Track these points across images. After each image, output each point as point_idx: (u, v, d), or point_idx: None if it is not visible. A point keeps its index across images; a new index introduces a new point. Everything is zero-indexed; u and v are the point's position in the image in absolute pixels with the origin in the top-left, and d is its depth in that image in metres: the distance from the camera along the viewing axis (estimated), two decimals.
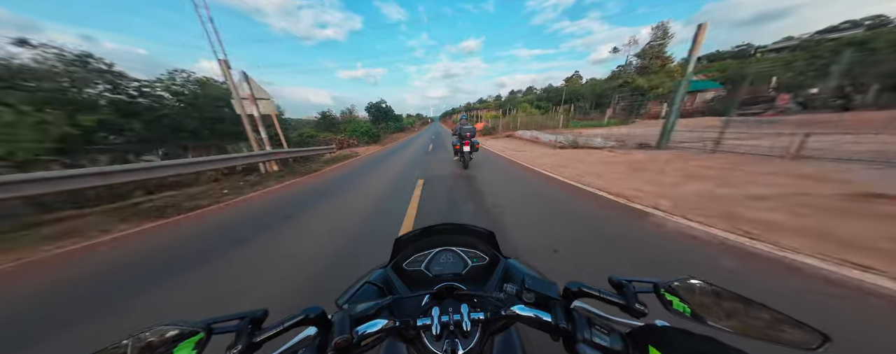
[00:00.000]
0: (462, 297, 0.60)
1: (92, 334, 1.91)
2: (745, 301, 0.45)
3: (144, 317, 2.07)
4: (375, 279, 0.76)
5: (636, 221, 3.31)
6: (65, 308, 2.25)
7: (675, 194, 4.13)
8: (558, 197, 4.60)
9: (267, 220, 4.23)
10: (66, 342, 1.84)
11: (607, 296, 0.51)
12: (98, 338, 1.85)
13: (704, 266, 2.30)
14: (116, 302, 2.27)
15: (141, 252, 3.33)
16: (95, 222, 4.42)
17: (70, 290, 2.52)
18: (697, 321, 0.45)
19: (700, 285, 0.48)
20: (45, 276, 2.83)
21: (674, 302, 0.47)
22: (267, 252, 3.07)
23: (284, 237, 3.50)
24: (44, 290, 2.55)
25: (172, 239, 3.72)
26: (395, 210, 4.32)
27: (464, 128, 7.28)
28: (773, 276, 2.10)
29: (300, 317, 0.48)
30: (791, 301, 1.82)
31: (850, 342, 1.45)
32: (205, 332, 0.42)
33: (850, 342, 1.45)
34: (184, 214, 4.82)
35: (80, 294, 2.45)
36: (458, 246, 0.89)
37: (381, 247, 2.88)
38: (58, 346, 1.81)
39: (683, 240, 2.75)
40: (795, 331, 0.40)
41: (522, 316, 0.50)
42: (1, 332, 2.01)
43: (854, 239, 2.47)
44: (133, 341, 0.39)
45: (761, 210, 3.29)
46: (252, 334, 0.44)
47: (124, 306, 2.22)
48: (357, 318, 0.49)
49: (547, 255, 2.56)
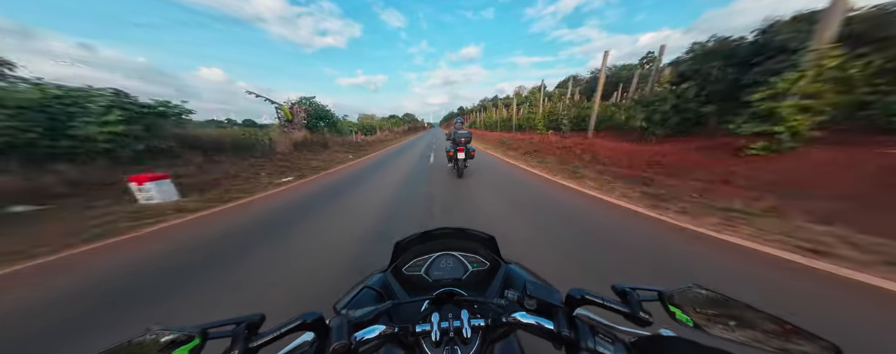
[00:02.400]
0: (462, 303, 0.59)
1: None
2: (752, 311, 0.44)
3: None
4: (374, 283, 0.74)
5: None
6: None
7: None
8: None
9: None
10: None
11: (611, 304, 0.50)
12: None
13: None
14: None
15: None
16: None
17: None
18: (702, 331, 0.44)
19: (705, 293, 0.48)
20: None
21: (677, 313, 0.47)
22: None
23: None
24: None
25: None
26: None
27: (458, 132, 6.74)
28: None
29: (298, 322, 0.46)
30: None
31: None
32: (200, 337, 0.40)
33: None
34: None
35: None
36: (458, 250, 0.87)
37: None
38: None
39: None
40: (804, 342, 0.39)
41: (524, 324, 0.50)
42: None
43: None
44: (124, 348, 0.37)
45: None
46: (248, 339, 0.43)
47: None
48: (355, 324, 0.48)
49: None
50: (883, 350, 1.59)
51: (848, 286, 2.16)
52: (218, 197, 5.74)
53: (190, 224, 4.21)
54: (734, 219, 3.49)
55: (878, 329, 1.73)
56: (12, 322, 2.07)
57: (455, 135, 6.73)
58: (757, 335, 0.41)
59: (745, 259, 2.61)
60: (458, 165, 6.92)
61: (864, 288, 2.12)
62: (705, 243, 2.97)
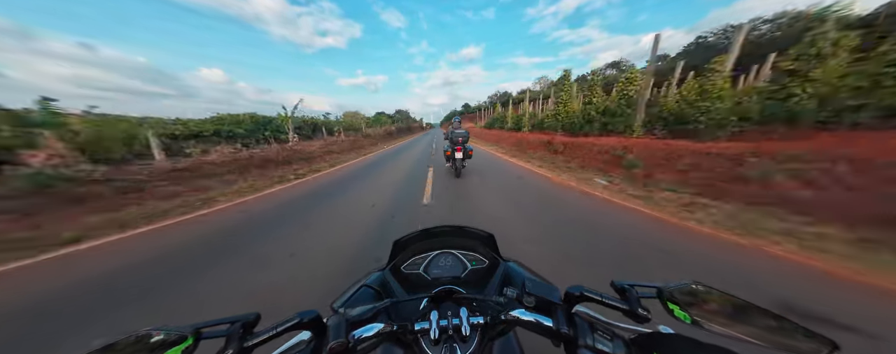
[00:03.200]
0: (461, 301, 0.59)
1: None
2: (750, 307, 0.44)
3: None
4: (372, 282, 0.74)
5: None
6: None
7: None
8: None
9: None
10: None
11: (610, 301, 0.50)
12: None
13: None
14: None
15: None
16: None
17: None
18: (701, 327, 0.43)
19: (704, 290, 0.47)
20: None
21: (675, 310, 0.46)
22: None
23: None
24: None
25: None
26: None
27: (456, 132, 6.84)
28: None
29: (294, 321, 0.46)
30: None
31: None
32: (192, 337, 0.40)
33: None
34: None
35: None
36: (457, 248, 0.87)
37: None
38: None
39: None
40: (802, 338, 0.39)
41: (523, 321, 0.49)
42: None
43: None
44: (111, 348, 0.36)
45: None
46: (243, 339, 0.42)
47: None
48: (353, 322, 0.47)
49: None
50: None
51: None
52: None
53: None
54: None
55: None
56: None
57: (452, 135, 6.85)
58: (755, 331, 0.41)
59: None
60: (455, 165, 7.06)
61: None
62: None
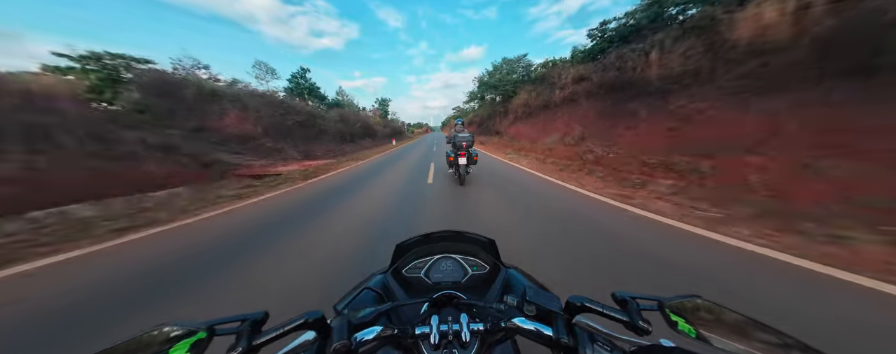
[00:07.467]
0: (462, 306, 0.60)
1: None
2: (752, 323, 0.44)
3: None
4: (374, 284, 0.75)
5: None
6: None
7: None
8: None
9: None
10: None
11: (611, 313, 0.50)
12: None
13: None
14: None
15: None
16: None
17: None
18: (704, 342, 0.43)
19: (706, 304, 0.48)
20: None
21: (679, 323, 0.46)
22: None
23: None
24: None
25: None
26: None
27: (459, 136, 6.16)
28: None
29: (300, 321, 0.47)
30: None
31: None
32: (207, 332, 0.41)
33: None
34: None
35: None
36: (458, 253, 0.87)
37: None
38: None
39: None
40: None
41: (523, 329, 0.50)
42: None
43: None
44: (134, 341, 0.39)
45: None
46: (252, 336, 0.43)
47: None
48: (356, 324, 0.48)
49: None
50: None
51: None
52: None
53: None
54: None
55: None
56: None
57: (455, 139, 6.22)
58: (755, 347, 0.40)
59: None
60: (459, 171, 6.32)
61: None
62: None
